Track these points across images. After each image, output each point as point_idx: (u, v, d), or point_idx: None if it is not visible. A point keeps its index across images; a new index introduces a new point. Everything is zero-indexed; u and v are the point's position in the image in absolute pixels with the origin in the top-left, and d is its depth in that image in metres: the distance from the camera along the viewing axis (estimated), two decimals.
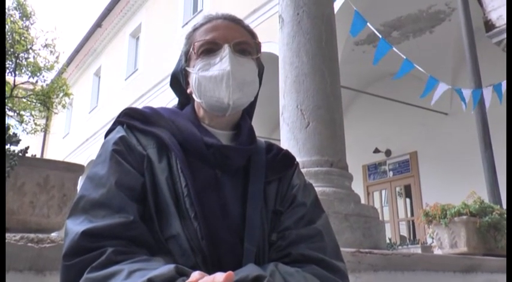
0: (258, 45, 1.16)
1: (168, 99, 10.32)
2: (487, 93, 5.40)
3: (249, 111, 1.20)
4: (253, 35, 1.16)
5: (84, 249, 0.86)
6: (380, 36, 5.11)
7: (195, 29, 1.15)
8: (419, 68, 5.41)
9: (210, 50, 1.08)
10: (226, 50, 1.07)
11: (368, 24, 4.93)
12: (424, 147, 9.60)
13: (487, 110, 5.49)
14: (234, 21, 1.14)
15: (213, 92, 1.06)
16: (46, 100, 6.95)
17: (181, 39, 1.13)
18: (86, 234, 0.87)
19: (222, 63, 1.06)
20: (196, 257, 0.93)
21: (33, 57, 6.86)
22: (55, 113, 7.66)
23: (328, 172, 2.85)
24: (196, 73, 1.08)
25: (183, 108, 1.17)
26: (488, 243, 3.74)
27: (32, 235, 1.37)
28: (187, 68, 1.13)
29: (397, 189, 10.38)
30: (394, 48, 5.13)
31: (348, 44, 8.19)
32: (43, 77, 7.10)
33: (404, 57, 5.30)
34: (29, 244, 1.35)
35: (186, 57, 1.14)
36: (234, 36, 1.09)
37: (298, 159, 1.22)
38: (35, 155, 1.97)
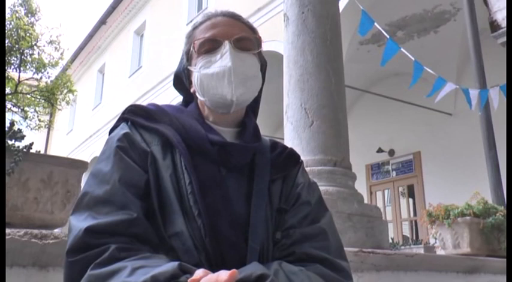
0: (258, 40, 1.15)
1: (172, 97, 10.33)
2: (494, 94, 5.38)
3: (253, 108, 1.20)
4: (253, 30, 1.15)
5: (88, 245, 0.86)
6: (388, 37, 5.09)
7: (194, 28, 1.15)
8: (429, 70, 5.38)
9: (210, 47, 1.08)
10: (226, 47, 1.07)
11: (376, 24, 4.92)
12: (427, 147, 9.57)
13: (491, 110, 5.47)
14: (233, 18, 1.14)
15: (216, 89, 1.06)
16: (50, 96, 6.96)
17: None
18: (89, 230, 0.87)
19: (223, 59, 1.06)
20: (199, 254, 0.93)
21: (38, 53, 6.87)
22: (59, 110, 7.67)
23: (331, 171, 2.84)
24: (198, 71, 1.08)
25: (187, 106, 1.17)
26: (491, 244, 3.73)
27: (35, 231, 1.37)
28: (189, 67, 1.13)
29: (400, 189, 10.36)
30: (402, 49, 5.10)
31: (352, 43, 8.17)
32: (47, 73, 7.11)
33: (413, 59, 5.28)
34: (33, 240, 1.35)
35: (188, 56, 1.14)
36: (234, 32, 1.09)
37: (301, 158, 1.21)
38: (39, 151, 1.97)
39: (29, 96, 7.20)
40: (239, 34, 1.09)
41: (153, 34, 14.02)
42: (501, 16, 5.48)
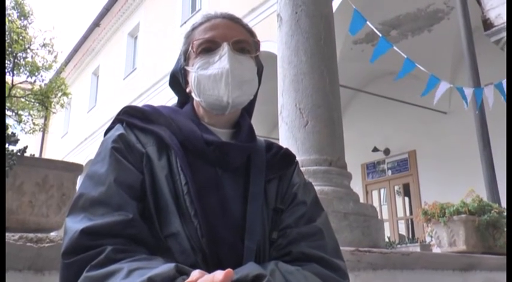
0: (257, 43, 1.16)
1: (166, 99, 10.31)
2: (489, 92, 5.40)
3: (248, 109, 1.20)
4: (252, 33, 1.16)
5: (84, 247, 0.86)
6: (380, 35, 5.10)
7: (194, 28, 1.15)
8: (421, 67, 5.40)
9: (209, 48, 1.08)
10: (225, 49, 1.07)
11: (368, 22, 4.93)
12: (422, 146, 9.60)
13: (485, 109, 5.49)
14: (233, 20, 1.14)
15: (212, 91, 1.06)
16: (44, 100, 6.92)
17: (179, 38, 1.14)
18: (85, 232, 0.87)
19: (221, 61, 1.06)
20: (196, 255, 0.93)
21: (32, 56, 6.82)
22: (53, 113, 7.63)
23: (327, 171, 2.85)
24: (195, 72, 1.08)
25: (182, 107, 1.17)
26: (486, 242, 3.75)
27: (31, 235, 1.37)
28: (186, 67, 1.13)
29: (396, 187, 10.39)
30: (394, 47, 5.11)
31: (346, 43, 8.19)
32: (41, 76, 7.06)
33: (405, 57, 5.29)
34: (28, 244, 1.34)
35: (185, 56, 1.14)
36: (233, 35, 1.09)
37: (297, 158, 1.22)
38: (34, 155, 1.97)
39: (23, 99, 7.17)
40: (238, 37, 1.10)
41: (147, 36, 14.00)
42: (494, 14, 5.52)
